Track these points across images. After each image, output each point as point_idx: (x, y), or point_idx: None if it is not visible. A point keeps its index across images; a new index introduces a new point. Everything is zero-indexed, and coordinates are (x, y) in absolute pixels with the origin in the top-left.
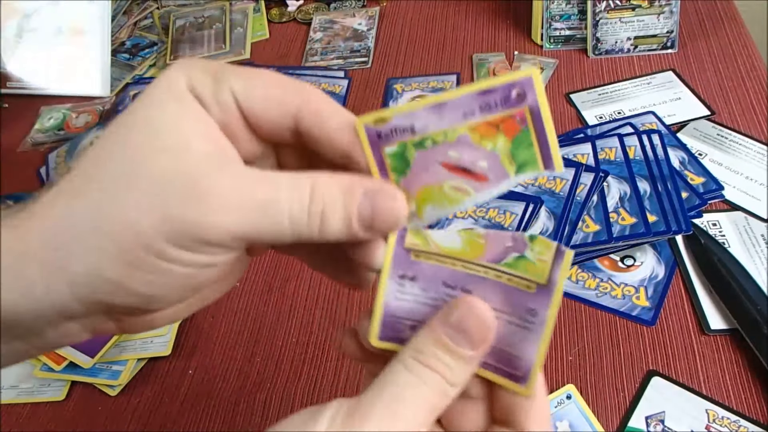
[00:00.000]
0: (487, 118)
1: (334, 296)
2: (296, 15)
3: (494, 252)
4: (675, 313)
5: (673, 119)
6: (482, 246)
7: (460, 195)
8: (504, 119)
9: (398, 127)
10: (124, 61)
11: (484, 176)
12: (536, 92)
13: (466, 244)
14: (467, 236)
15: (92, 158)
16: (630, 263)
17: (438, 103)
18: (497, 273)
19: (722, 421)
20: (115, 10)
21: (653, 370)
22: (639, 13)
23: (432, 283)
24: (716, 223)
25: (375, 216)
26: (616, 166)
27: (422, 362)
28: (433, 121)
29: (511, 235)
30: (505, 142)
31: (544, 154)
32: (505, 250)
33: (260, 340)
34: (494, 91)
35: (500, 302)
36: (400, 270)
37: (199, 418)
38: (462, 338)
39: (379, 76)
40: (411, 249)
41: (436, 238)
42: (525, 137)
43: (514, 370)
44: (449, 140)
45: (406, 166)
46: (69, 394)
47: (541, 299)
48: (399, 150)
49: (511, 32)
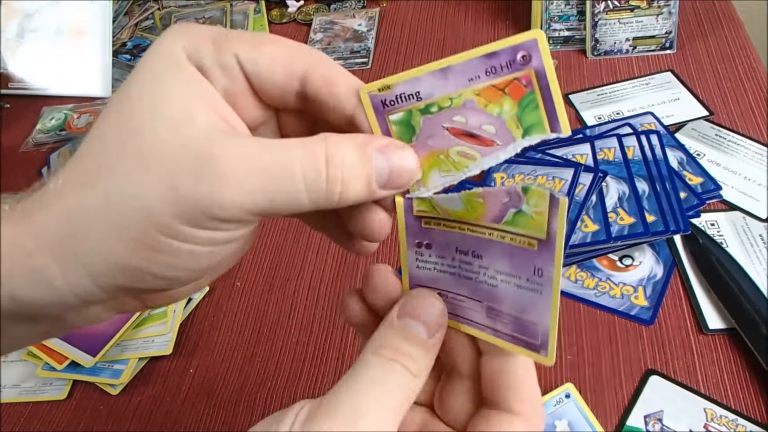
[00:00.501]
0: (492, 82)
1: (334, 296)
2: (297, 16)
3: (494, 210)
4: (673, 312)
5: (672, 120)
6: (482, 205)
7: (466, 160)
8: (509, 82)
9: (403, 94)
10: (125, 61)
11: (491, 141)
12: (541, 54)
13: (468, 205)
14: (467, 197)
15: (96, 141)
16: (629, 263)
17: (443, 67)
18: (501, 233)
19: (720, 420)
20: (117, 10)
21: (652, 369)
22: (638, 14)
23: (446, 249)
24: (714, 223)
25: (391, 172)
26: (614, 167)
27: (383, 355)
28: (439, 86)
29: (506, 190)
30: (511, 105)
31: (551, 117)
32: (504, 207)
33: (260, 340)
34: (499, 54)
35: (508, 266)
36: (415, 239)
37: (200, 418)
38: (419, 325)
39: (379, 77)
40: (421, 216)
41: (441, 203)
42: (531, 100)
43: (531, 338)
44: (455, 105)
45: (411, 133)
46: (70, 393)
47: (544, 256)
48: (404, 117)
49: (511, 33)
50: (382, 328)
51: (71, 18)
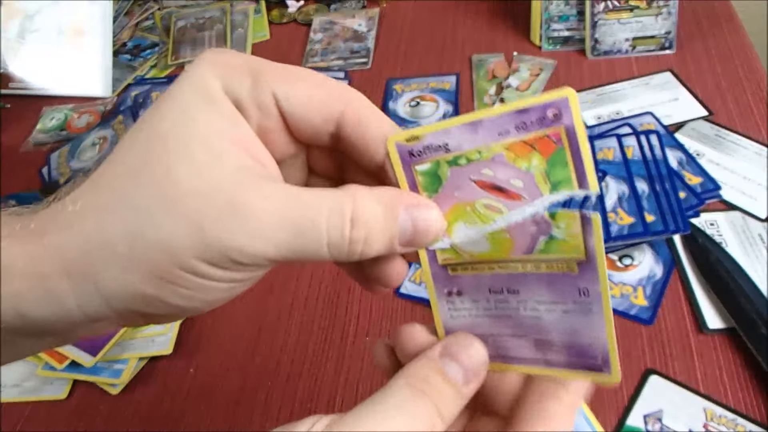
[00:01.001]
0: (522, 137)
1: (334, 296)
2: (296, 16)
3: (524, 242)
4: (673, 312)
5: (671, 120)
6: (509, 240)
7: (492, 213)
8: (539, 138)
9: (432, 145)
10: (125, 61)
11: (518, 195)
12: (572, 112)
13: (494, 243)
14: (492, 236)
15: (120, 170)
16: (628, 263)
17: (473, 121)
18: (535, 264)
19: (720, 420)
20: (117, 11)
21: (651, 368)
22: (637, 14)
23: (479, 293)
24: (714, 223)
25: (415, 232)
26: (614, 166)
27: (415, 386)
28: (468, 139)
29: (533, 219)
30: (540, 161)
31: (579, 174)
32: (533, 237)
33: (260, 339)
34: (530, 111)
35: (549, 294)
36: (444, 288)
37: (200, 417)
38: (457, 368)
39: (379, 77)
40: (446, 265)
41: (466, 248)
42: (560, 157)
43: (591, 359)
44: (484, 158)
45: (438, 184)
46: (70, 392)
47: (587, 275)
48: (431, 168)
49: (510, 33)
50: (420, 361)
51: (72, 18)
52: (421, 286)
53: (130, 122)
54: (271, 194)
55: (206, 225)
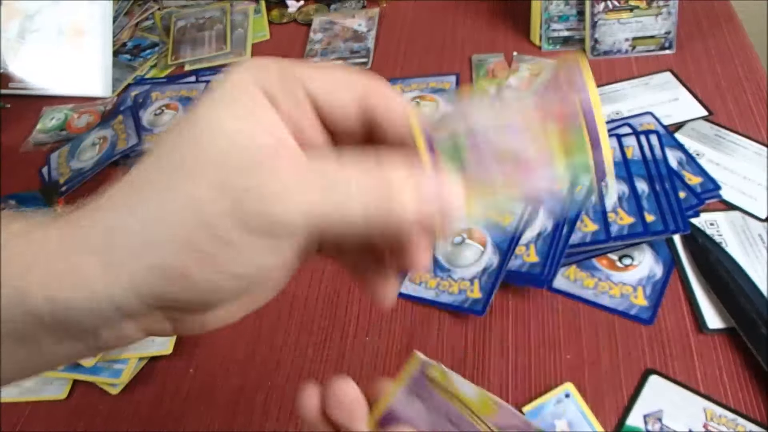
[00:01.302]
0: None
1: (334, 296)
2: (296, 16)
3: (503, 423)
4: (673, 312)
5: (671, 119)
6: (495, 411)
7: (510, 189)
8: (553, 104)
9: (450, 114)
10: (125, 61)
11: (534, 166)
12: (584, 76)
13: (480, 400)
14: (482, 395)
15: (155, 153)
16: (628, 263)
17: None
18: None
19: (720, 420)
20: (117, 11)
21: (651, 368)
22: (637, 14)
23: (438, 411)
24: (714, 223)
25: (441, 201)
26: (614, 167)
27: None
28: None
29: (525, 421)
30: (554, 126)
31: (593, 138)
32: (514, 427)
33: (260, 339)
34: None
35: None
36: (414, 388)
37: (200, 417)
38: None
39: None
40: (430, 379)
41: (455, 381)
42: (574, 122)
43: None
44: (499, 125)
45: (457, 154)
46: (70, 392)
47: None
48: (450, 138)
49: (510, 33)
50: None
51: (72, 18)
52: (421, 286)
53: (130, 122)
54: (298, 160)
55: (236, 184)
